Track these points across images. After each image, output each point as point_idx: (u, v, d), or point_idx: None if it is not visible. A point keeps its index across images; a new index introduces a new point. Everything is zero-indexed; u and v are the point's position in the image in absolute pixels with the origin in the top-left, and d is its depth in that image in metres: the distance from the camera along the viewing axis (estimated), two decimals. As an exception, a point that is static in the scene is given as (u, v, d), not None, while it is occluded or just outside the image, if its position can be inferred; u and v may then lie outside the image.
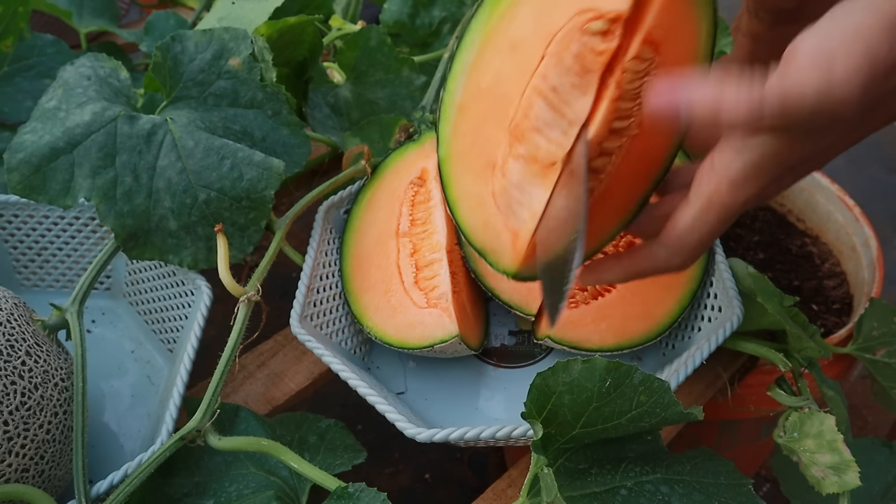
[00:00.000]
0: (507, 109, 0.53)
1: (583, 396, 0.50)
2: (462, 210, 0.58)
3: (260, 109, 0.71)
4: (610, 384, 0.49)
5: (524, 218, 0.53)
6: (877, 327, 0.74)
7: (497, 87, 0.53)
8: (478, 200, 0.56)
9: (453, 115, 0.55)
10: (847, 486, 0.56)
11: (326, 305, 0.72)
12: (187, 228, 0.67)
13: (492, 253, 0.57)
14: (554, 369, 0.49)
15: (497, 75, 0.53)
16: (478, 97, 0.54)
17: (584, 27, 0.48)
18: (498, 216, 0.55)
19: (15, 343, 0.56)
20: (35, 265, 0.81)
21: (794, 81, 0.40)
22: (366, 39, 0.90)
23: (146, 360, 0.77)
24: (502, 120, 0.53)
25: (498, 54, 0.52)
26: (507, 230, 0.55)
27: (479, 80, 0.53)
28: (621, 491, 0.54)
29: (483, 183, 0.56)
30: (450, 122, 0.56)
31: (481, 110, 0.54)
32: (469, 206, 0.57)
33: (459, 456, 1.33)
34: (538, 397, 0.49)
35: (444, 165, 0.57)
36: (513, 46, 0.51)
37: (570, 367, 0.49)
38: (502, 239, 0.56)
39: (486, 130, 0.54)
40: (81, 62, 0.73)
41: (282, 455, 0.58)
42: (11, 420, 0.54)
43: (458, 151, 0.56)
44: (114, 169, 0.66)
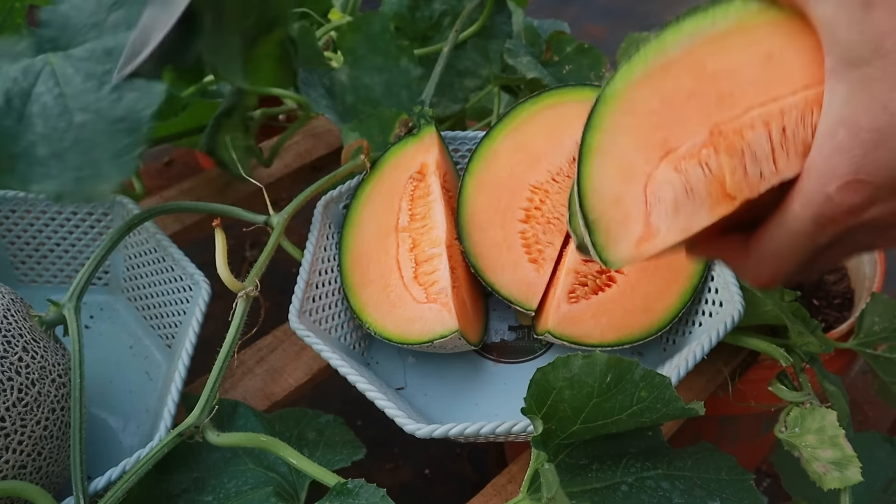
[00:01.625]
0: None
1: (583, 392, 0.49)
2: (599, 165, 0.45)
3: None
4: (611, 380, 0.49)
5: (669, 227, 0.44)
6: (878, 322, 0.74)
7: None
8: (628, 170, 0.45)
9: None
10: (849, 481, 0.56)
11: (326, 301, 0.71)
12: (57, 156, 0.64)
13: (605, 229, 0.45)
14: (554, 364, 0.48)
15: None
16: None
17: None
18: (640, 201, 0.45)
19: (11, 339, 0.56)
20: (33, 260, 0.81)
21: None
22: (369, 24, 0.89)
23: (144, 355, 0.77)
24: (709, 109, 0.44)
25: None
26: (643, 221, 0.45)
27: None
28: (622, 487, 0.54)
29: (647, 155, 0.45)
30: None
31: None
32: (612, 168, 0.45)
33: (459, 452, 1.33)
34: (538, 392, 0.49)
35: (602, 106, 0.45)
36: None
37: (570, 363, 0.48)
38: (630, 225, 0.45)
39: (688, 108, 0.44)
40: None
41: (280, 451, 0.58)
42: (8, 416, 0.53)
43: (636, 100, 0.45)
44: None
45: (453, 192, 0.78)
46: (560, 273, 0.70)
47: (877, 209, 0.38)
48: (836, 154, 0.38)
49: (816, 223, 0.40)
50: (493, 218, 0.72)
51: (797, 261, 0.42)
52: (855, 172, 0.37)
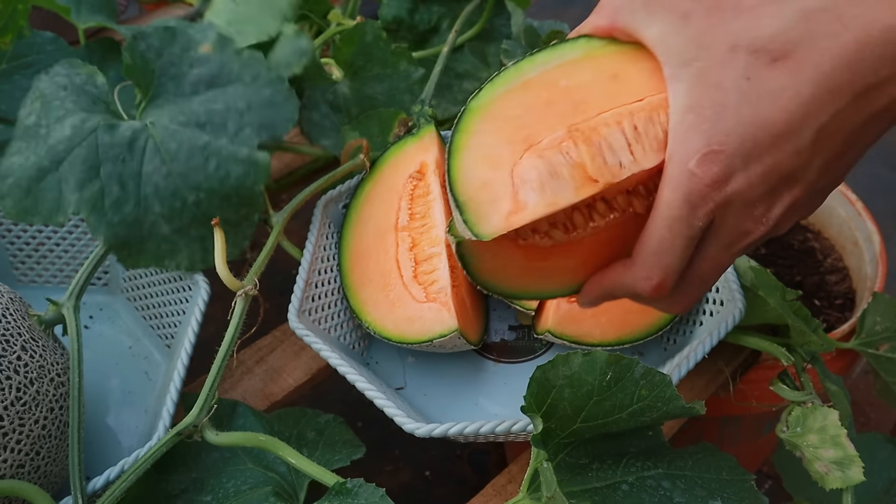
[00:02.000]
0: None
1: (583, 390, 0.49)
2: (467, 158, 0.48)
3: (239, 81, 0.70)
4: (611, 378, 0.48)
5: (536, 201, 0.45)
6: (880, 322, 0.74)
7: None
8: (495, 160, 0.47)
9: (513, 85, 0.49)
10: (851, 481, 0.56)
11: (325, 300, 0.71)
12: (180, 232, 0.66)
13: (475, 209, 0.46)
14: (554, 363, 0.48)
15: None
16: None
17: None
18: (507, 184, 0.47)
19: (10, 338, 0.56)
20: (32, 261, 0.81)
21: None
22: (361, 35, 0.89)
23: (144, 355, 0.77)
24: (565, 113, 0.48)
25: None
26: (511, 199, 0.46)
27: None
28: (622, 486, 0.53)
29: (512, 148, 0.47)
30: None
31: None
32: (479, 160, 0.47)
33: (460, 453, 1.33)
34: (538, 391, 0.49)
35: (468, 114, 0.48)
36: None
37: (570, 361, 0.48)
38: (498, 203, 0.46)
39: (547, 113, 0.48)
40: (56, 71, 0.72)
41: (279, 450, 0.58)
42: (7, 415, 0.53)
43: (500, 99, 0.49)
44: (99, 180, 0.65)
45: (453, 191, 0.77)
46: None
47: (736, 181, 0.42)
48: (689, 134, 0.42)
49: (688, 202, 0.42)
50: (493, 217, 0.72)
51: (680, 253, 0.44)
52: (708, 144, 0.41)
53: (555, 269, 0.49)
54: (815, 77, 0.40)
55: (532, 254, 0.48)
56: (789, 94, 0.40)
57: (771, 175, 0.42)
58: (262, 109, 0.69)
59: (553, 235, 0.47)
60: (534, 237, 0.47)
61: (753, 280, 0.65)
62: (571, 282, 0.50)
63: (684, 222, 0.43)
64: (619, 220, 0.47)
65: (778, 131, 0.41)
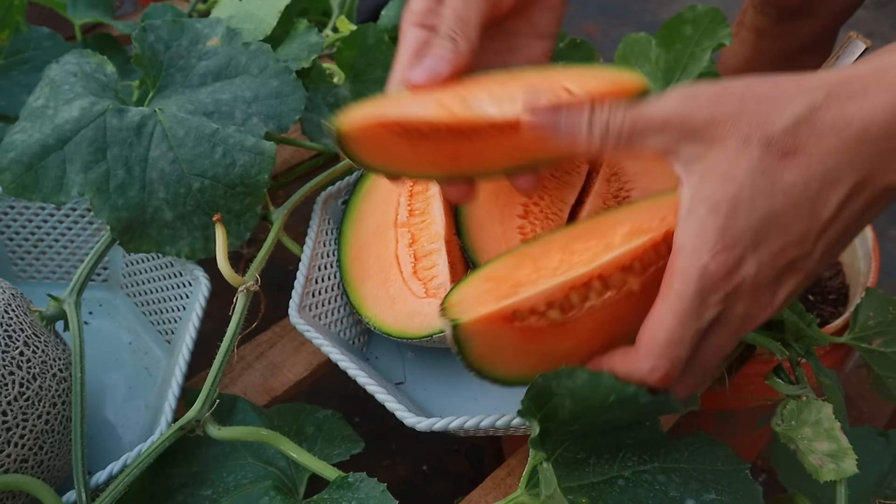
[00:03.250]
0: None
1: (584, 405, 0.48)
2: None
3: (246, 73, 0.71)
4: (614, 400, 0.47)
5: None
6: (873, 317, 0.74)
7: None
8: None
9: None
10: (844, 473, 0.56)
11: (325, 296, 0.72)
12: (183, 218, 0.67)
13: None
14: (558, 374, 0.47)
15: None
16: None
17: None
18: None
19: (13, 333, 0.56)
20: (31, 257, 0.81)
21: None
22: (363, 38, 0.90)
23: (144, 351, 0.77)
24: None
25: None
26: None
27: None
28: (619, 481, 0.54)
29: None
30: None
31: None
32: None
33: (457, 448, 1.33)
34: (537, 395, 0.48)
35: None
36: None
37: (574, 376, 0.47)
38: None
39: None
40: (67, 59, 0.73)
41: (280, 444, 0.58)
42: (10, 410, 0.54)
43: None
44: (105, 163, 0.66)
45: (451, 188, 0.78)
46: (557, 268, 0.70)
47: (747, 270, 0.43)
48: (702, 229, 0.43)
49: (700, 295, 0.43)
50: (492, 213, 0.72)
51: (689, 344, 0.45)
52: (723, 239, 0.42)
53: (550, 352, 0.49)
54: (822, 171, 0.42)
55: (527, 336, 0.48)
56: (799, 189, 0.42)
57: (778, 264, 0.44)
58: (270, 100, 0.69)
59: (549, 316, 0.47)
60: (530, 318, 0.47)
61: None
62: (566, 365, 0.48)
63: (695, 314, 0.44)
64: (614, 299, 0.48)
65: (787, 223, 0.43)
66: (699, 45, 0.99)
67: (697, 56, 0.99)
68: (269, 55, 0.72)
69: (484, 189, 0.74)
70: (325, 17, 1.11)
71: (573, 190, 0.73)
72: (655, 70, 1.03)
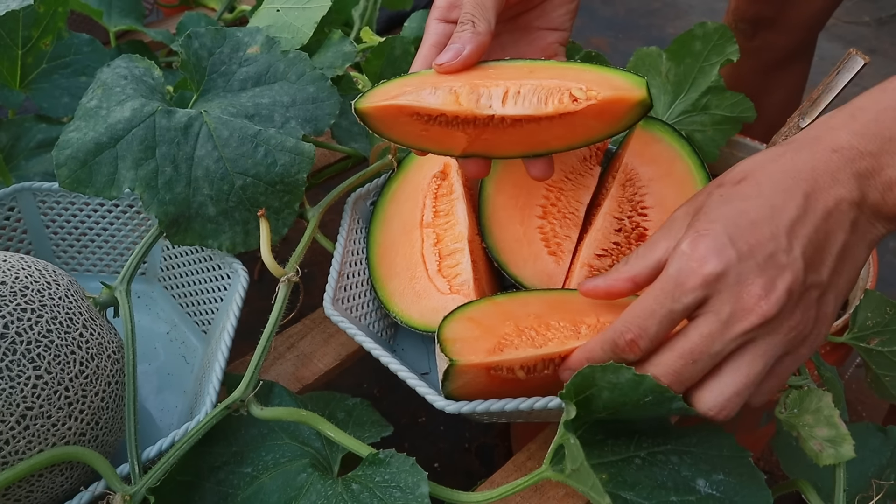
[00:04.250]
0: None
1: (620, 399, 0.54)
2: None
3: (284, 79, 0.76)
4: (650, 400, 0.53)
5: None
6: (871, 317, 0.78)
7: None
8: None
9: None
10: (843, 457, 0.60)
11: (355, 291, 0.76)
12: (225, 214, 0.71)
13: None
14: (605, 368, 0.52)
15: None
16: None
17: None
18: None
19: (73, 316, 0.60)
20: (74, 250, 0.86)
21: None
22: (391, 49, 0.95)
23: (181, 341, 0.81)
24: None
25: None
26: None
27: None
28: (635, 460, 0.58)
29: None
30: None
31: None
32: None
33: (468, 446, 1.37)
34: (580, 383, 0.53)
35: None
36: None
37: (620, 372, 0.52)
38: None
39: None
40: (117, 63, 0.78)
41: (319, 425, 0.62)
42: (72, 386, 0.58)
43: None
44: (154, 160, 0.71)
45: (474, 191, 0.82)
46: (575, 267, 0.75)
47: (723, 256, 0.50)
48: (675, 225, 0.56)
49: (675, 278, 0.51)
50: (513, 215, 0.77)
51: (659, 320, 0.52)
52: (695, 229, 0.53)
53: (504, 393, 0.62)
54: (771, 184, 0.52)
55: (495, 380, 0.61)
56: (755, 194, 0.52)
57: (755, 253, 0.50)
58: (306, 105, 0.74)
59: (517, 373, 0.61)
60: (504, 371, 0.60)
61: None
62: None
63: (669, 295, 0.51)
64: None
65: (752, 218, 0.51)
66: (708, 60, 1.04)
67: (706, 70, 1.04)
68: (306, 63, 0.76)
69: (503, 192, 0.78)
70: (346, 27, 1.16)
71: (587, 191, 0.77)
72: (665, 83, 1.08)
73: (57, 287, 0.61)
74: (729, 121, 1.05)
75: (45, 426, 0.56)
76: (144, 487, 0.57)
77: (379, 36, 1.01)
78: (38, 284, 0.60)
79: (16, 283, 0.59)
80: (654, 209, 0.75)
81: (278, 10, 0.83)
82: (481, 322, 0.63)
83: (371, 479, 0.60)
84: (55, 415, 0.56)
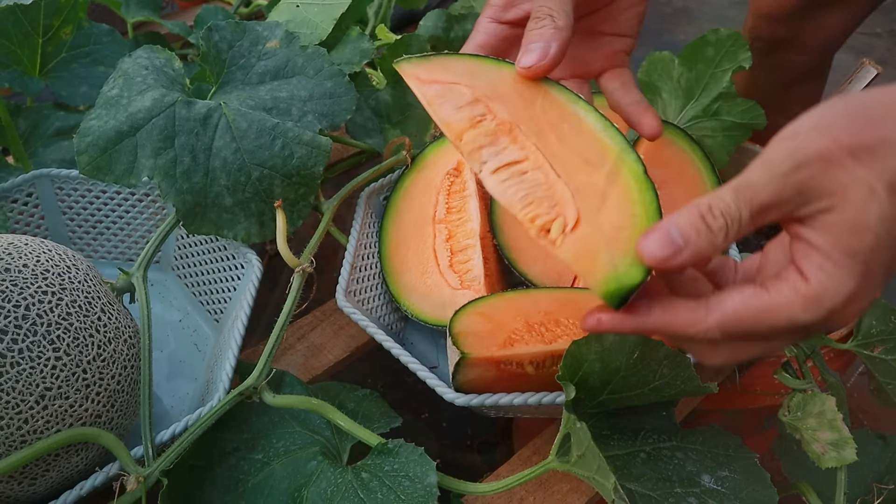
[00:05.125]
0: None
1: (612, 366, 0.55)
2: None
3: (302, 73, 0.77)
4: (638, 356, 0.54)
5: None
6: (875, 325, 0.79)
7: None
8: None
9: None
10: (845, 460, 0.62)
11: (366, 284, 0.77)
12: (241, 204, 0.72)
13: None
14: (587, 339, 0.54)
15: None
16: None
17: None
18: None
19: (92, 300, 0.62)
20: (90, 237, 0.87)
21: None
22: (407, 46, 0.96)
23: (193, 329, 0.83)
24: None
25: None
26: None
27: None
28: (641, 455, 0.59)
29: None
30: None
31: None
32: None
33: (470, 443, 1.38)
34: (571, 363, 0.55)
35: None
36: None
37: (602, 338, 0.54)
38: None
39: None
40: (139, 54, 0.79)
41: (330, 413, 0.63)
42: (89, 369, 0.59)
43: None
44: (173, 150, 0.72)
45: (486, 189, 0.84)
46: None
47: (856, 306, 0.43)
48: (840, 274, 0.43)
49: (798, 330, 0.44)
50: (524, 214, 0.78)
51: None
52: (859, 288, 0.43)
53: (512, 387, 0.63)
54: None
55: (503, 374, 0.63)
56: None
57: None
58: (324, 99, 0.75)
59: (526, 368, 0.63)
60: (513, 366, 0.63)
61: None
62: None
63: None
64: None
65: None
66: (720, 66, 1.05)
67: (718, 77, 1.05)
68: (324, 58, 0.78)
69: None
70: (360, 24, 1.17)
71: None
72: (677, 88, 1.09)
73: (77, 271, 0.62)
74: (739, 127, 1.06)
75: (63, 407, 0.57)
76: (158, 470, 0.58)
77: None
78: (59, 268, 0.61)
79: (37, 266, 0.60)
80: (664, 212, 0.76)
81: (298, 5, 0.84)
82: (492, 317, 0.64)
83: (380, 468, 0.61)
84: (73, 396, 0.58)
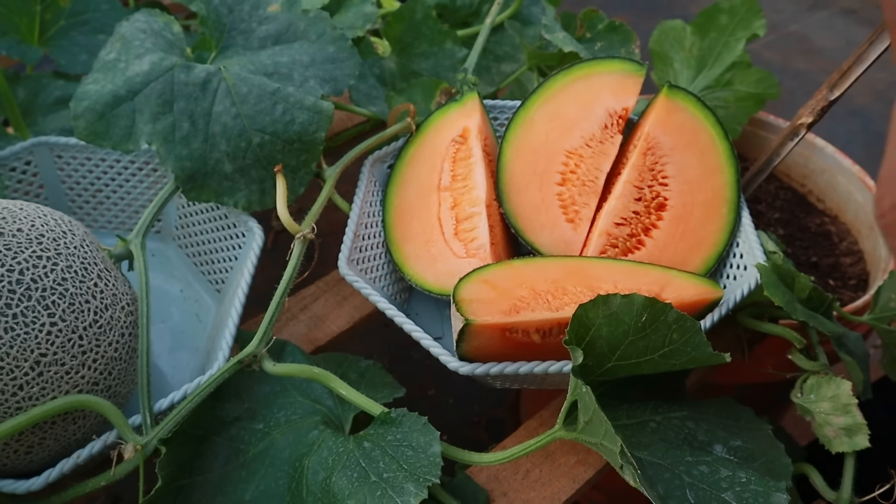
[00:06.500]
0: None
1: (620, 330, 0.53)
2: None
3: (304, 38, 0.75)
4: (646, 319, 0.53)
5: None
6: (893, 298, 0.77)
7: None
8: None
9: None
10: (857, 446, 0.60)
11: (370, 252, 0.76)
12: (242, 171, 0.71)
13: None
14: (595, 302, 0.52)
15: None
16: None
17: None
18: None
19: (88, 266, 0.60)
20: (90, 206, 0.85)
21: None
22: (412, 13, 0.94)
23: (194, 299, 0.81)
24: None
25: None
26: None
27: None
28: (650, 424, 0.58)
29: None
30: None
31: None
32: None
33: (477, 420, 1.37)
34: (578, 327, 0.53)
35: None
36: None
37: (609, 301, 0.52)
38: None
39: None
40: (136, 17, 0.77)
41: (331, 383, 0.62)
42: (85, 335, 0.58)
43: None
44: (172, 115, 0.70)
45: (493, 156, 0.81)
46: (592, 235, 0.74)
47: None
48: None
49: None
50: (531, 181, 0.76)
51: None
52: None
53: (517, 355, 0.62)
54: None
55: (509, 342, 0.61)
56: None
57: None
58: (326, 64, 0.73)
59: (532, 336, 0.61)
60: (519, 333, 0.61)
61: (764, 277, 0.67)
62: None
63: None
64: None
65: None
66: (733, 34, 1.02)
67: (731, 45, 1.02)
68: (326, 22, 0.75)
69: (522, 158, 0.77)
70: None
71: (608, 159, 0.76)
72: (689, 57, 1.06)
73: (73, 237, 0.61)
74: (752, 97, 1.03)
75: (59, 373, 0.56)
76: (156, 438, 0.57)
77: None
78: (54, 233, 0.60)
79: (31, 231, 0.59)
80: (675, 179, 0.74)
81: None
82: (497, 284, 0.63)
83: (383, 437, 0.60)
84: (69, 362, 0.56)
